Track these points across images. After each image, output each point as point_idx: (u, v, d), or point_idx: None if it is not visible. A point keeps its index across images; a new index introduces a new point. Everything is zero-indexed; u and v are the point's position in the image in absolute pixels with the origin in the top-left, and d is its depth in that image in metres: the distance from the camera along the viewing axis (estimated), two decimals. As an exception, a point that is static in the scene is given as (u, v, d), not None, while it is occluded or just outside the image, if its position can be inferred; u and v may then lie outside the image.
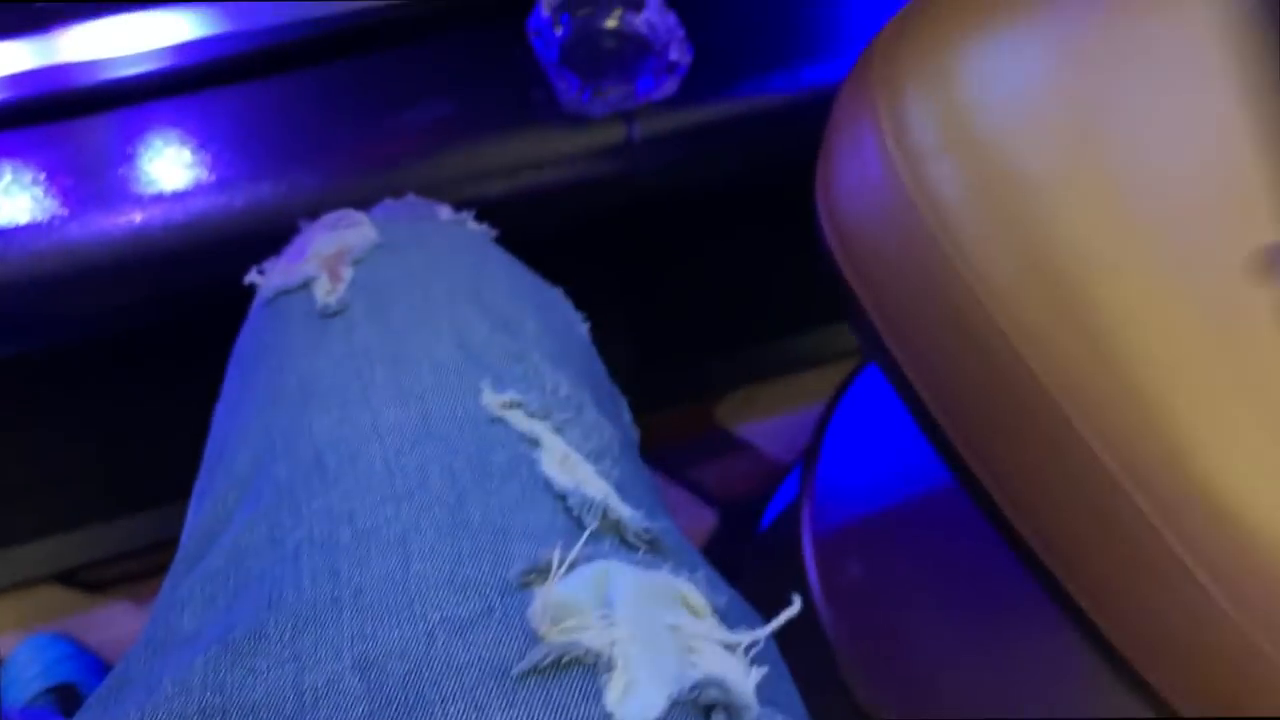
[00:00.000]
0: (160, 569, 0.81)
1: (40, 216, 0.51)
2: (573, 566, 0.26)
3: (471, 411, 0.31)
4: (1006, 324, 0.35)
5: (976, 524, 0.53)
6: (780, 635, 0.27)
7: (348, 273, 0.35)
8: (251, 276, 0.39)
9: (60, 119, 0.54)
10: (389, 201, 0.41)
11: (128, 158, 0.53)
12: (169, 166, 0.54)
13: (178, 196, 0.53)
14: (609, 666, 0.23)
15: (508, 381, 0.32)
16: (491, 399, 0.31)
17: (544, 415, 0.31)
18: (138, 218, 0.52)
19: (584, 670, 0.23)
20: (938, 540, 0.63)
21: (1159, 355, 0.34)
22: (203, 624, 0.27)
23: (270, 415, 0.32)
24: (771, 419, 0.85)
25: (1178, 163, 0.36)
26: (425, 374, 0.31)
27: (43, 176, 0.53)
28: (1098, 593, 0.36)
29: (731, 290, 0.85)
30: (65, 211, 0.52)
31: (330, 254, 0.36)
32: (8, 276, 0.50)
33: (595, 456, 0.31)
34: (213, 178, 0.54)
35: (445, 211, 0.41)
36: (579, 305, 0.73)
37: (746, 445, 0.84)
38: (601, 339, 0.84)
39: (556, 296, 0.40)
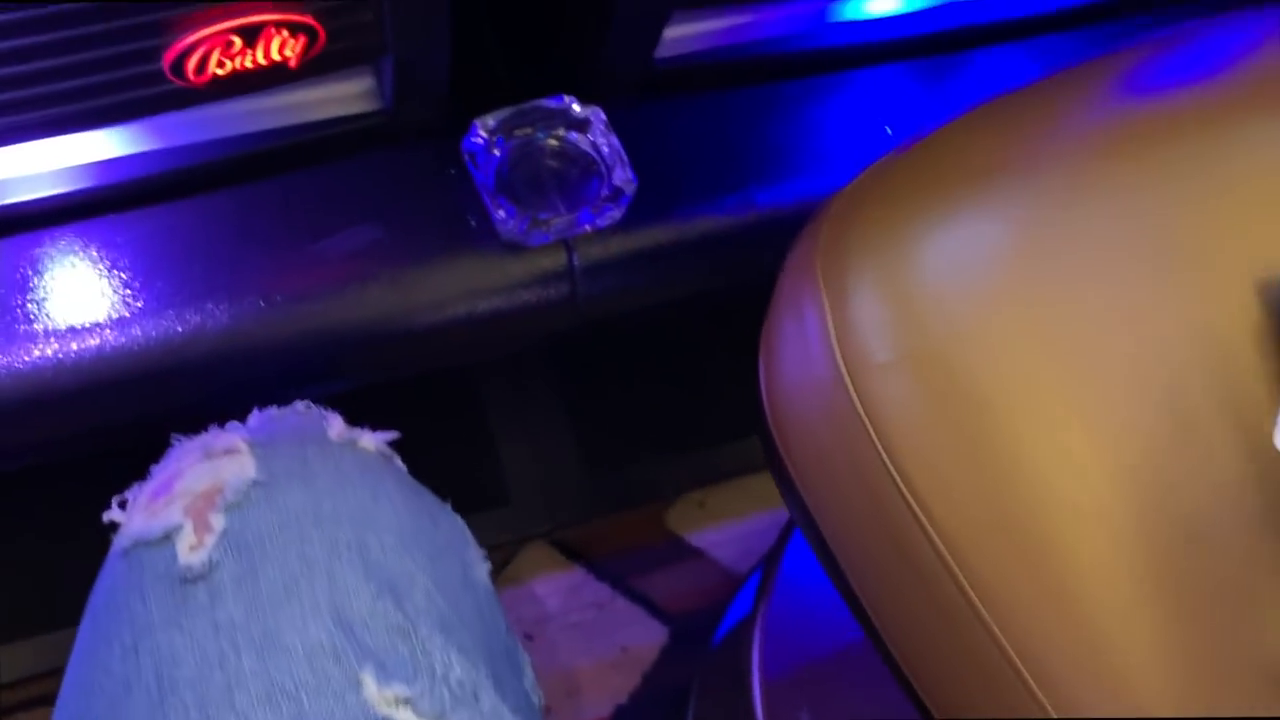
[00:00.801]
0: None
1: (-82, 356, 0.47)
2: None
3: (353, 712, 0.27)
4: (956, 562, 0.31)
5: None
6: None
7: (218, 522, 0.31)
8: (112, 514, 0.35)
9: (-54, 245, 0.50)
10: (273, 413, 0.37)
11: (20, 288, 0.49)
12: (65, 298, 0.49)
13: (74, 332, 0.49)
14: None
15: (393, 668, 0.28)
16: (375, 695, 0.27)
17: (436, 713, 0.27)
18: (28, 355, 0.48)
19: None
20: (888, 693, 0.60)
21: (1122, 608, 0.30)
22: None
23: (123, 710, 0.28)
24: (725, 525, 0.81)
25: (1143, 373, 0.33)
26: (299, 664, 0.28)
27: (-76, 308, 0.48)
28: None
29: (682, 391, 0.81)
30: (-53, 349, 0.47)
31: (200, 493, 0.32)
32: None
33: None
34: (114, 311, 0.49)
35: (336, 425, 0.37)
36: (521, 413, 0.68)
37: (698, 553, 0.80)
38: (547, 442, 0.80)
39: (454, 535, 0.36)
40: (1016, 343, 0.33)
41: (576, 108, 0.55)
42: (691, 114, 0.59)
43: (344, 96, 0.53)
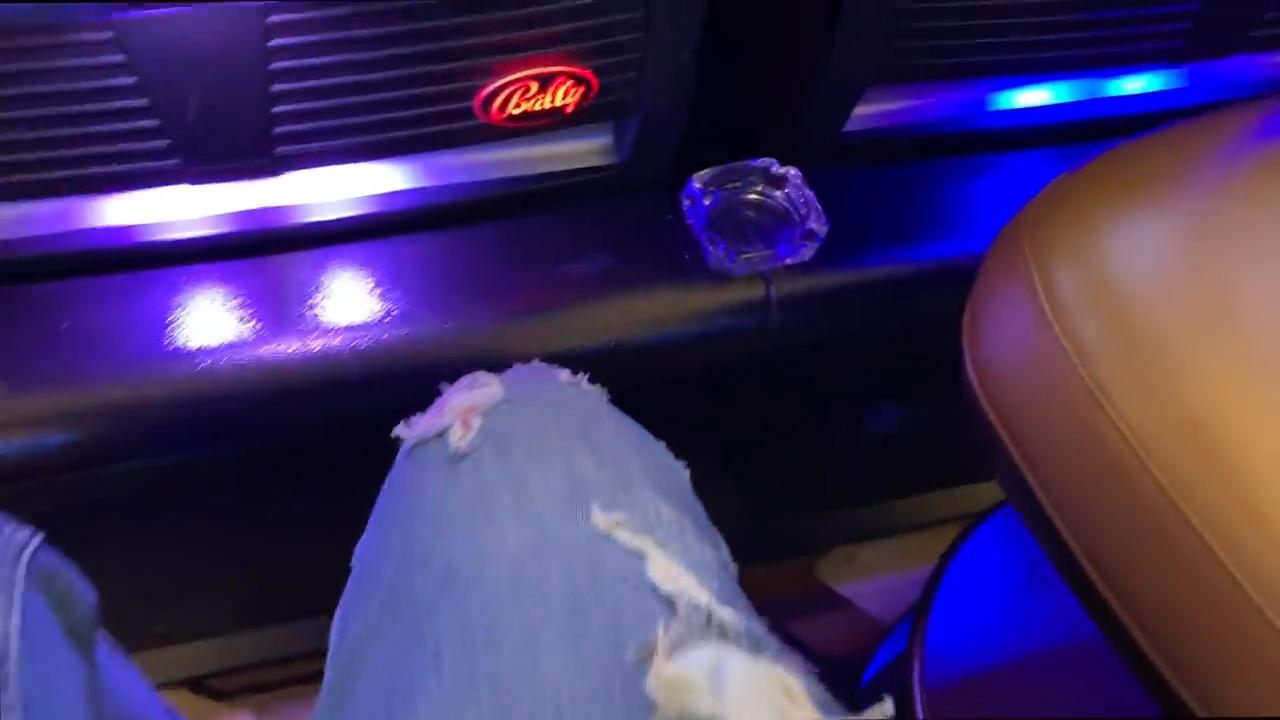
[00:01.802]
0: (285, 682, 0.83)
1: (247, 336, 0.57)
2: (684, 649, 0.30)
3: (584, 528, 0.36)
4: (1156, 468, 0.38)
5: (1093, 692, 0.54)
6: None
7: (477, 422, 0.40)
8: (400, 430, 0.44)
9: (267, 254, 0.61)
10: (518, 366, 0.47)
11: (323, 290, 0.60)
12: (355, 300, 0.60)
13: (365, 326, 0.59)
14: None
15: (614, 506, 0.37)
16: (600, 518, 0.36)
17: (647, 532, 0.36)
18: (329, 343, 0.58)
19: None
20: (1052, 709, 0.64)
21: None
22: None
23: (408, 538, 0.38)
24: (872, 579, 0.87)
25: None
26: (542, 500, 0.37)
27: (250, 301, 0.59)
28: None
29: (839, 452, 0.88)
30: (267, 333, 0.58)
31: (464, 407, 0.41)
32: (216, 388, 0.56)
33: (696, 571, 0.35)
34: (395, 312, 0.60)
35: (565, 374, 0.46)
36: (685, 460, 0.77)
37: (846, 603, 0.86)
38: (710, 488, 0.87)
39: (658, 445, 0.44)
40: (1190, 295, 0.41)
41: (776, 168, 0.65)
42: (868, 180, 0.69)
43: (587, 152, 0.64)
